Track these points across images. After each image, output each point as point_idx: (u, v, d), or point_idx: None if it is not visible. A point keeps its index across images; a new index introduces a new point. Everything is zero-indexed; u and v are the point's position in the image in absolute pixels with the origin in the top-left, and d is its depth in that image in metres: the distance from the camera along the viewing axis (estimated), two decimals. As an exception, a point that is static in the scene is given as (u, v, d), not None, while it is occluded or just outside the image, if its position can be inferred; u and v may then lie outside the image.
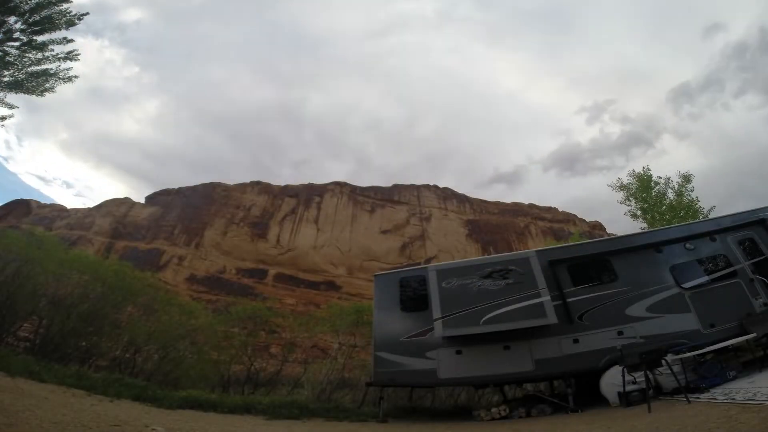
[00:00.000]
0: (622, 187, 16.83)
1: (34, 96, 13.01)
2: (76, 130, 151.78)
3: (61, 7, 12.73)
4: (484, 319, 7.65)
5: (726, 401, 4.73)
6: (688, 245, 8.09)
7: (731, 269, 7.72)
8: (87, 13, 13.38)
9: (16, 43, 12.32)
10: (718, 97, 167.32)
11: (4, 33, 12.09)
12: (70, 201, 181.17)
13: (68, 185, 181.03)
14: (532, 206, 58.96)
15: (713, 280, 7.69)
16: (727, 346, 6.63)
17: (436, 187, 58.47)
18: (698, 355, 6.47)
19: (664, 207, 15.72)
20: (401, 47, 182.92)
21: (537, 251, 8.66)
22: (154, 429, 4.53)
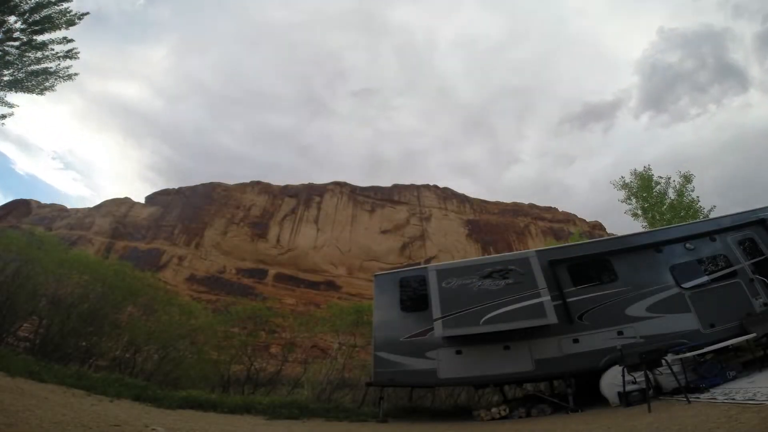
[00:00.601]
0: (624, 186, 16.88)
1: (34, 95, 13.03)
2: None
3: (61, 7, 12.72)
4: (484, 319, 7.64)
5: (726, 401, 4.72)
6: (688, 245, 8.08)
7: (731, 269, 7.71)
8: (87, 13, 13.41)
9: (16, 43, 12.31)
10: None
11: (4, 33, 12.08)
12: (57, 177, 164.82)
13: (56, 155, 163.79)
14: (532, 206, 59.00)
15: (713, 280, 7.68)
16: (727, 346, 6.64)
17: (436, 187, 58.51)
18: (698, 355, 6.46)
19: (665, 206, 15.75)
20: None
21: (537, 251, 8.65)
22: (154, 429, 4.53)
